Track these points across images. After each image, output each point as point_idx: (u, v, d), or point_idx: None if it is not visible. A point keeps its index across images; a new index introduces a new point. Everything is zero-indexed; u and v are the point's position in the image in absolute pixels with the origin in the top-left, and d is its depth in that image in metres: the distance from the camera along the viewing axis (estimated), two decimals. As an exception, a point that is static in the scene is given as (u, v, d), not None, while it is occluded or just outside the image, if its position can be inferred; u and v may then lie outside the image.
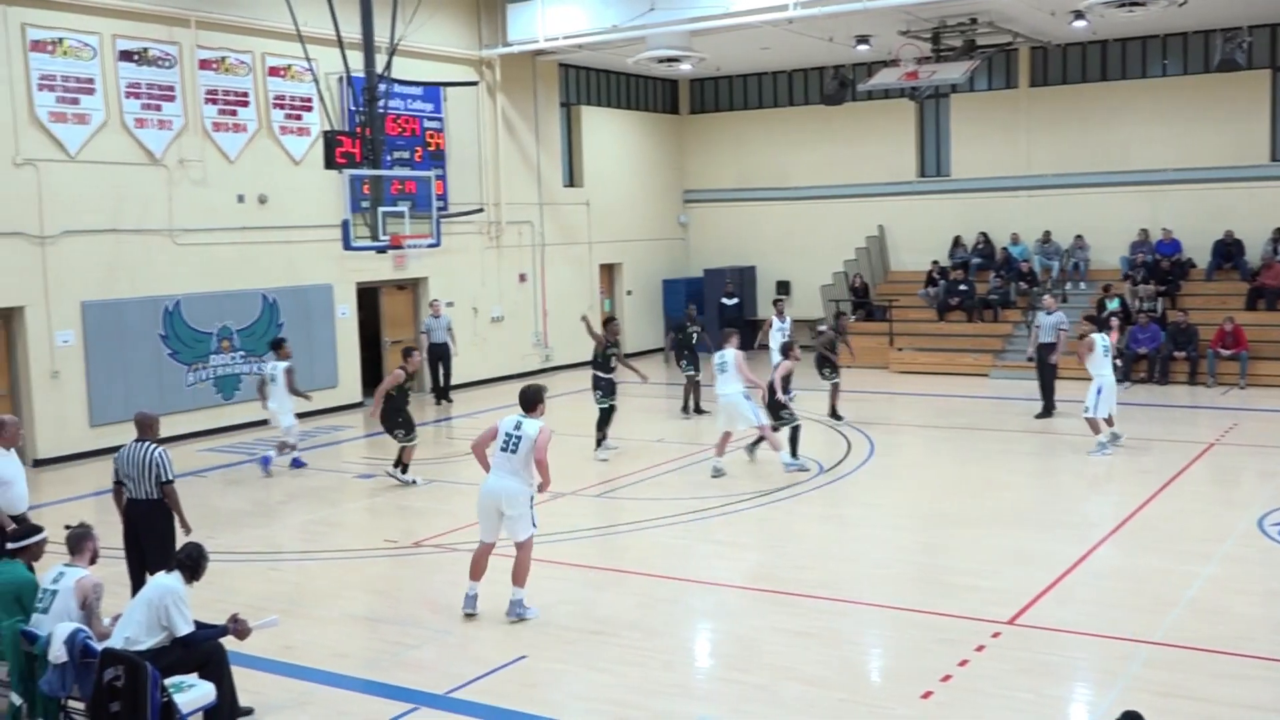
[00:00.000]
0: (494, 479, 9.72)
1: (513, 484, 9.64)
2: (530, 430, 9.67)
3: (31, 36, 16.92)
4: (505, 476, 9.65)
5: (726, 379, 15.06)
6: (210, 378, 19.30)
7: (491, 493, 9.72)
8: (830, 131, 28.33)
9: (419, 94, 22.58)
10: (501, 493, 9.64)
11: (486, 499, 9.77)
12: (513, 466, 9.65)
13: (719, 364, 15.21)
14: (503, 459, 9.68)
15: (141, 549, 9.62)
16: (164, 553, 9.50)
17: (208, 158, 19.17)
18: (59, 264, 17.33)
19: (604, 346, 16.78)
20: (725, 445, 15.19)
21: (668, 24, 21.71)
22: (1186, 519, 12.55)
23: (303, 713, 8.10)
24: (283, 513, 14.20)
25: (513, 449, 9.66)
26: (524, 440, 9.64)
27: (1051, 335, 18.65)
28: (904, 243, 28.22)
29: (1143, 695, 7.77)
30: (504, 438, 9.71)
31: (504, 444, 9.69)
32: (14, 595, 7.67)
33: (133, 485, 9.53)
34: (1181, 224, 24.89)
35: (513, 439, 9.68)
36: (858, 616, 9.79)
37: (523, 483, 9.67)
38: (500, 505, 9.65)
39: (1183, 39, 24.83)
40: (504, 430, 9.75)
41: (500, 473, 9.68)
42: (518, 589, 9.77)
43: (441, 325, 21.99)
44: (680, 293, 29.76)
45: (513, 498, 9.63)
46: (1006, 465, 15.80)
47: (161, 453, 9.53)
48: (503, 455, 9.68)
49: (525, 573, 9.78)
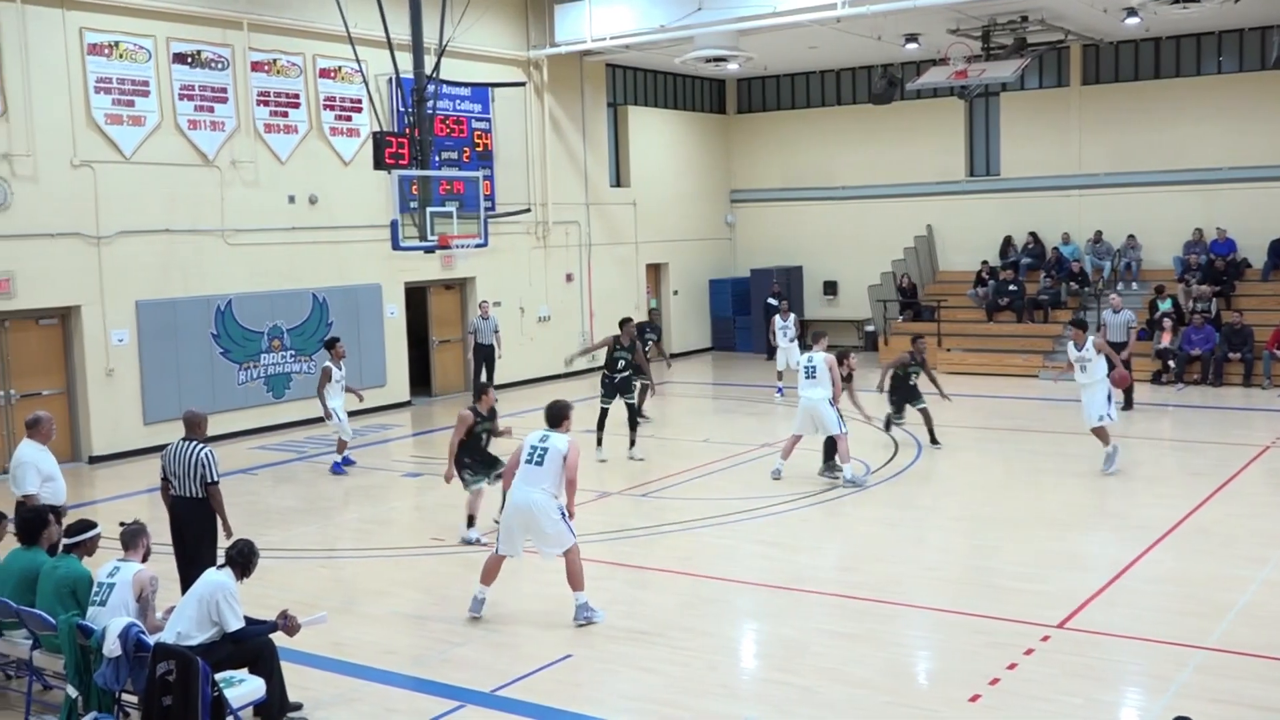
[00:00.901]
0: (520, 493, 9.52)
1: (540, 497, 9.45)
2: (559, 444, 9.50)
3: (89, 40, 17.20)
4: (531, 490, 9.47)
5: (814, 383, 14.35)
6: (261, 376, 19.52)
7: (519, 508, 9.51)
8: (878, 131, 28.16)
9: (467, 95, 22.71)
10: (529, 506, 9.45)
11: (513, 513, 9.57)
12: (538, 479, 9.47)
13: (807, 366, 14.53)
14: (528, 472, 9.51)
15: (185, 545, 9.77)
16: (207, 550, 9.66)
17: (259, 159, 19.40)
18: (114, 264, 17.61)
19: (613, 349, 16.48)
20: (793, 449, 14.78)
21: (715, 24, 21.68)
22: (1241, 523, 12.36)
23: (351, 709, 8.17)
24: (332, 510, 14.34)
25: (538, 461, 9.49)
26: (551, 453, 9.46)
27: (1122, 334, 18.72)
28: (953, 243, 28.01)
29: (1195, 702, 7.66)
30: (529, 450, 9.56)
31: (529, 456, 9.53)
32: (70, 589, 7.82)
33: (178, 483, 9.65)
34: (1236, 223, 24.52)
35: (538, 451, 9.51)
36: (905, 618, 9.73)
37: (549, 495, 9.48)
38: (528, 520, 9.48)
39: (1238, 36, 24.46)
40: (529, 443, 9.61)
41: (526, 486, 9.49)
42: (579, 594, 9.64)
43: (489, 327, 21.78)
44: (726, 293, 29.79)
45: (542, 511, 9.44)
46: (1056, 467, 15.62)
47: (208, 453, 9.60)
48: (528, 468, 9.51)
49: (581, 575, 9.63)
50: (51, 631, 7.70)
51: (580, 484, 14.26)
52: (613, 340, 16.58)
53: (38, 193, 16.75)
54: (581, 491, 14.07)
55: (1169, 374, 21.82)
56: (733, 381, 25.01)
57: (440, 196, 20.13)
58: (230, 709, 7.08)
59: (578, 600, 9.66)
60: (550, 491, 9.49)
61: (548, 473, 9.47)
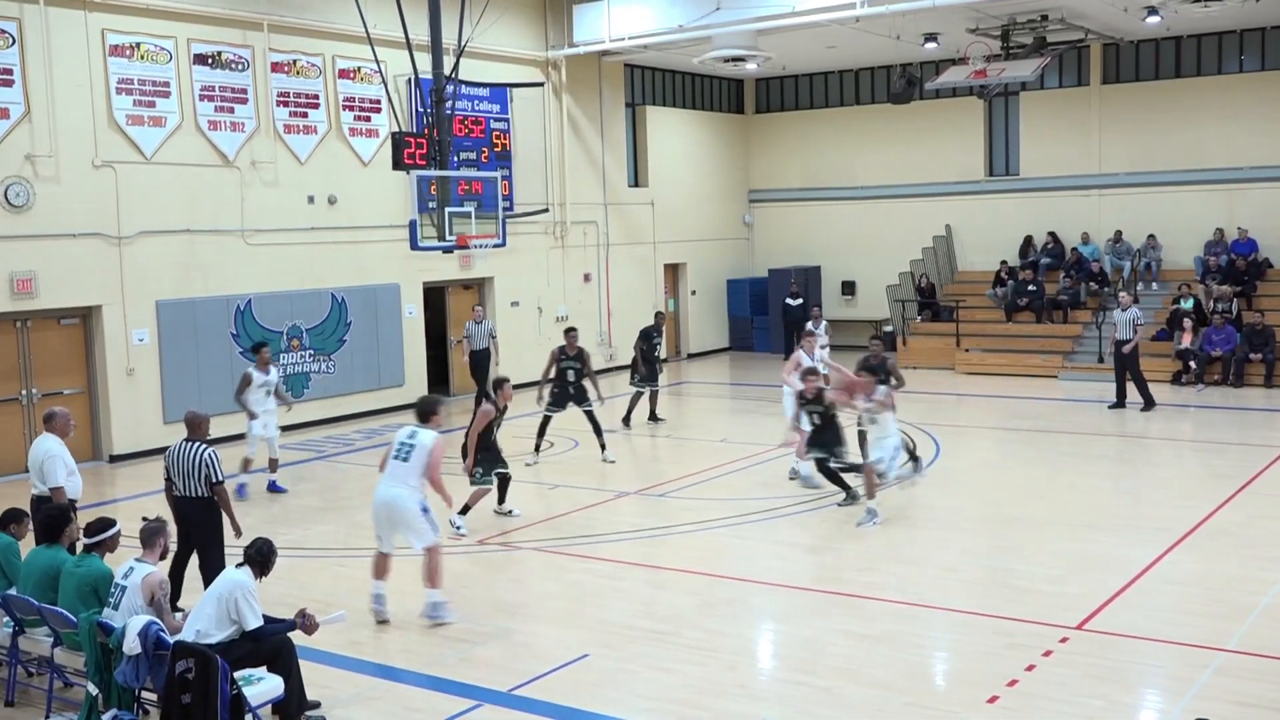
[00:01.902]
0: (383, 487, 9.72)
1: (401, 492, 9.63)
2: (425, 440, 9.71)
3: (111, 41, 17.30)
4: (394, 485, 9.67)
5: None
6: (280, 376, 19.56)
7: (383, 503, 9.70)
8: (897, 130, 28.09)
9: (486, 95, 22.75)
10: (391, 502, 9.64)
11: (377, 508, 9.76)
12: (404, 475, 9.66)
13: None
14: (394, 467, 9.71)
15: (192, 545, 9.86)
16: (216, 550, 9.72)
17: (279, 159, 19.48)
18: (135, 264, 17.71)
19: (559, 359, 16.53)
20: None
21: (733, 23, 21.66)
22: (1262, 524, 12.28)
23: (369, 708, 8.20)
24: (350, 509, 14.35)
25: (404, 457, 9.68)
26: (417, 449, 9.66)
27: (1128, 331, 19.07)
28: (972, 242, 27.91)
29: (1215, 704, 7.62)
30: (398, 446, 9.75)
31: (397, 452, 9.73)
32: (91, 588, 7.87)
33: (181, 484, 9.73)
34: (1258, 223, 24.38)
35: (405, 447, 9.70)
36: (923, 619, 9.70)
37: (412, 491, 9.66)
38: (391, 515, 9.65)
39: (1259, 34, 24.31)
40: (398, 440, 9.80)
41: (391, 482, 9.69)
42: (431, 590, 9.77)
43: (483, 331, 20.87)
44: (744, 293, 29.76)
45: (401, 507, 9.63)
46: (1076, 468, 15.56)
47: (211, 454, 9.69)
48: (395, 463, 9.72)
49: (437, 574, 9.78)
50: (72, 629, 7.76)
51: (598, 484, 14.35)
52: (557, 351, 16.66)
53: (59, 193, 16.85)
54: (598, 491, 14.19)
55: (1189, 375, 21.71)
56: (750, 381, 24.98)
57: (459, 197, 20.14)
58: (249, 707, 7.11)
59: (429, 597, 9.77)
60: (414, 486, 9.70)
61: (413, 469, 9.67)
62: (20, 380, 16.91)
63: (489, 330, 21.12)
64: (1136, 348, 19.20)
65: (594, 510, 13.51)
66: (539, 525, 12.98)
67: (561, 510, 13.65)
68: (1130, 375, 19.27)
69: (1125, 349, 19.08)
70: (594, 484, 14.79)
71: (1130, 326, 19.11)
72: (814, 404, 13.25)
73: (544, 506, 13.90)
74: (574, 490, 14.68)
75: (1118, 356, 19.28)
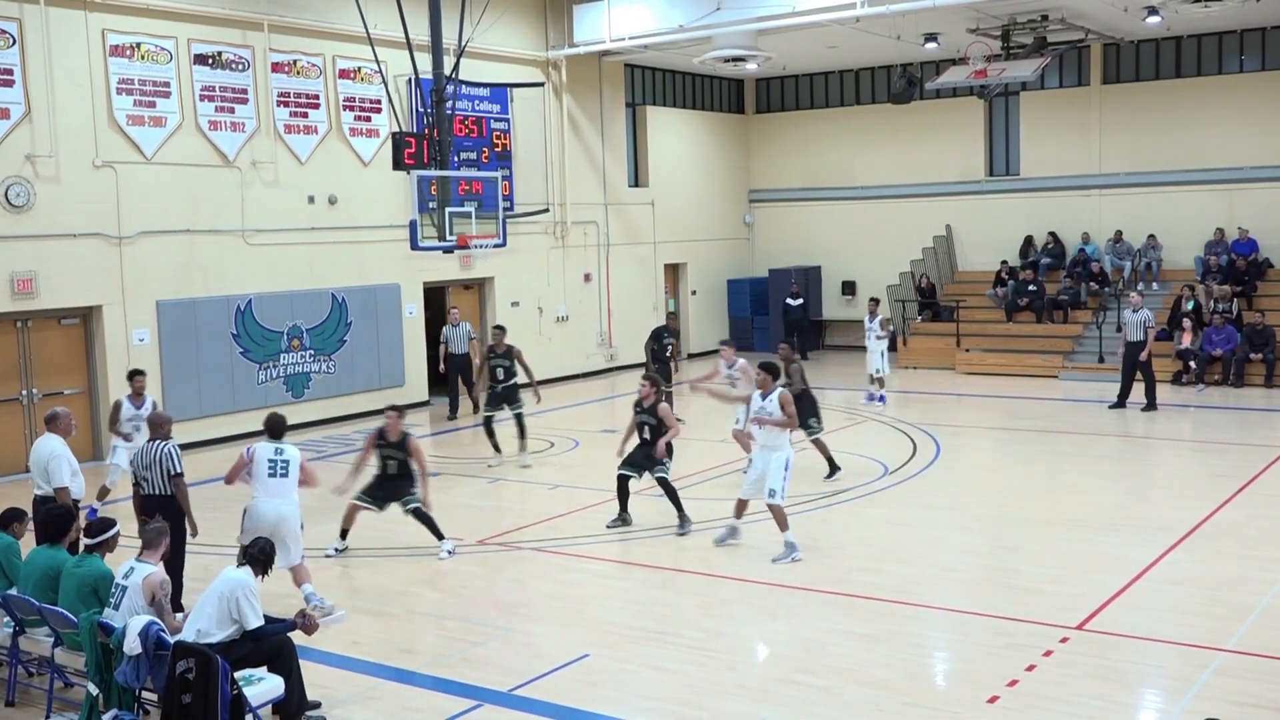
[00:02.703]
0: (270, 504, 9.91)
1: (288, 509, 9.97)
2: (294, 454, 10.09)
3: (111, 41, 17.30)
4: (281, 502, 9.94)
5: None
6: (280, 376, 19.60)
7: (273, 519, 9.84)
8: (897, 130, 28.10)
9: (486, 95, 22.76)
10: (280, 519, 9.87)
11: (267, 524, 9.78)
12: (286, 490, 9.98)
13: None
14: (275, 485, 9.95)
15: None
16: (177, 546, 9.71)
17: (279, 159, 19.48)
18: (135, 264, 17.71)
19: (488, 358, 16.26)
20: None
21: (734, 23, 21.67)
22: (1262, 524, 12.28)
23: (369, 708, 8.20)
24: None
25: (283, 474, 9.97)
26: (292, 464, 10.01)
27: (1139, 333, 19.01)
28: (972, 242, 27.92)
29: (1215, 704, 7.62)
30: (269, 464, 9.97)
31: (271, 470, 9.95)
32: (92, 588, 7.88)
33: (148, 484, 9.89)
34: (1258, 223, 24.39)
35: (280, 464, 9.98)
36: (924, 620, 9.71)
37: (295, 506, 10.06)
38: (277, 529, 9.75)
39: (1260, 34, 24.32)
40: (265, 458, 10.00)
41: (273, 499, 9.92)
42: (307, 584, 10.05)
43: (461, 334, 20.54)
44: (745, 293, 29.78)
45: (289, 522, 9.93)
46: (1076, 468, 15.57)
47: (172, 447, 9.91)
48: (274, 481, 9.94)
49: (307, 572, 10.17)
50: (73, 629, 7.76)
51: (598, 484, 14.34)
52: (487, 350, 16.32)
53: (60, 193, 16.86)
54: (597, 491, 14.19)
55: (1189, 375, 21.72)
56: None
57: (459, 197, 20.16)
58: (249, 707, 7.12)
59: (305, 590, 10.02)
60: (295, 501, 10.07)
61: (292, 483, 10.04)
62: (21, 380, 16.91)
63: (467, 333, 20.70)
64: (1150, 350, 19.08)
65: (594, 510, 13.51)
66: (539, 525, 12.99)
67: (562, 510, 13.66)
68: (1142, 376, 19.15)
69: (1142, 355, 18.90)
70: (594, 484, 14.78)
71: (1142, 328, 19.03)
72: (648, 414, 12.62)
73: (544, 506, 13.90)
74: (574, 490, 14.68)
75: (1129, 358, 19.16)
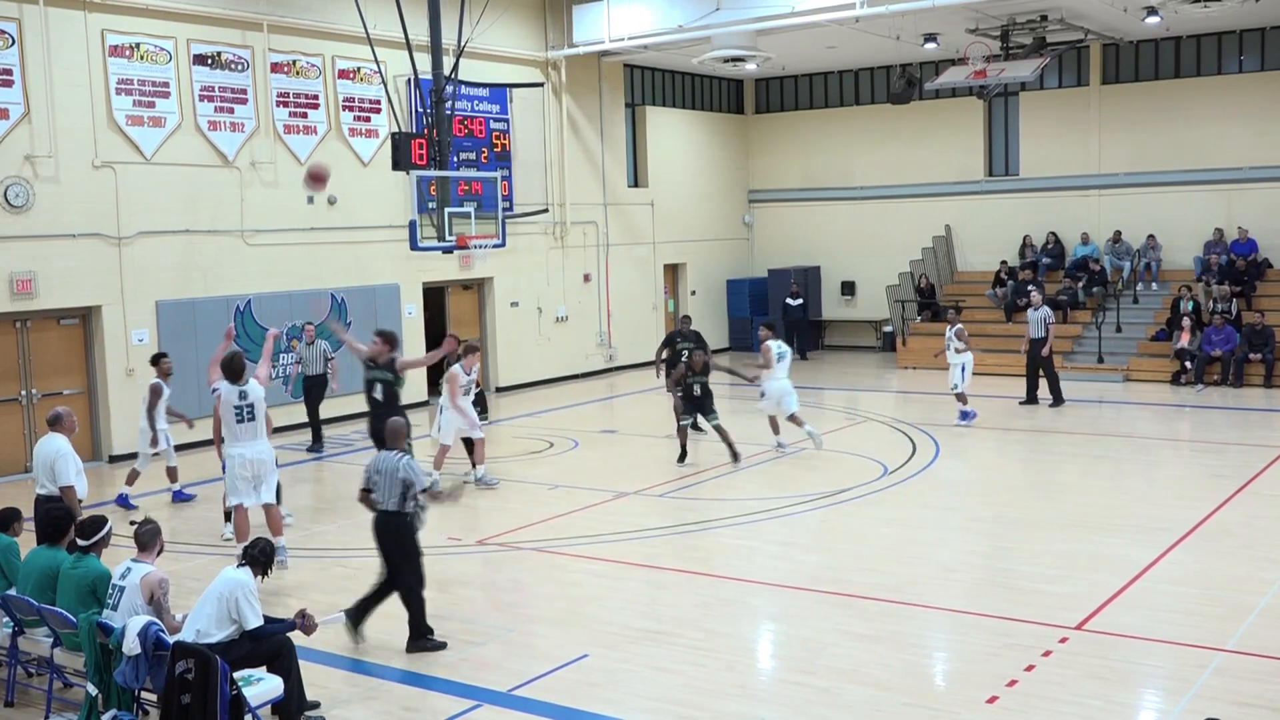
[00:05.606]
0: (242, 449, 11.25)
1: (262, 449, 11.37)
2: (258, 395, 11.28)
3: (110, 42, 17.30)
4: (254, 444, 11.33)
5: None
6: (280, 376, 19.59)
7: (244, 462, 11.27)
8: (897, 131, 28.11)
9: (485, 95, 22.75)
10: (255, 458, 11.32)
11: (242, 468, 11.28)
12: (255, 433, 11.33)
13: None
14: (244, 429, 11.23)
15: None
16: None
17: (279, 159, 19.48)
18: (135, 264, 17.71)
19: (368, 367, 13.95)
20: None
21: (733, 24, 21.67)
22: (1262, 524, 12.28)
23: (368, 708, 8.20)
24: (349, 510, 14.32)
25: (249, 418, 11.25)
26: (257, 407, 11.26)
27: (1040, 330, 19.80)
28: (971, 243, 27.92)
29: (1215, 704, 7.62)
30: (235, 411, 11.19)
31: (239, 416, 11.20)
32: (89, 588, 7.87)
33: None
34: (1257, 223, 24.40)
35: (244, 410, 11.23)
36: (923, 620, 9.71)
37: (268, 445, 11.55)
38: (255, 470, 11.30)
39: (1260, 34, 24.32)
40: (231, 404, 11.19)
41: (247, 443, 11.27)
42: (279, 538, 11.21)
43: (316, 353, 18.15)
44: (744, 293, 29.76)
45: (265, 461, 11.39)
46: (1075, 468, 15.57)
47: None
48: (242, 426, 11.21)
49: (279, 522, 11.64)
50: (72, 630, 7.76)
51: (598, 484, 14.34)
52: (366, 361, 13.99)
53: (59, 194, 16.86)
54: (597, 492, 14.21)
55: (1188, 375, 21.72)
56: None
57: (458, 197, 20.18)
58: (248, 707, 7.11)
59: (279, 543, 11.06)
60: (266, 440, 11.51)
61: (261, 424, 11.43)
62: (20, 380, 16.91)
63: (322, 352, 18.18)
64: (1050, 346, 19.88)
65: (594, 510, 13.51)
66: (539, 525, 12.99)
67: (561, 510, 13.66)
68: (1044, 372, 19.96)
69: (1044, 351, 19.72)
70: (594, 484, 14.80)
71: (1043, 325, 19.75)
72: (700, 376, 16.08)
73: (544, 506, 13.90)
74: (574, 490, 14.68)
75: (1031, 355, 19.95)
